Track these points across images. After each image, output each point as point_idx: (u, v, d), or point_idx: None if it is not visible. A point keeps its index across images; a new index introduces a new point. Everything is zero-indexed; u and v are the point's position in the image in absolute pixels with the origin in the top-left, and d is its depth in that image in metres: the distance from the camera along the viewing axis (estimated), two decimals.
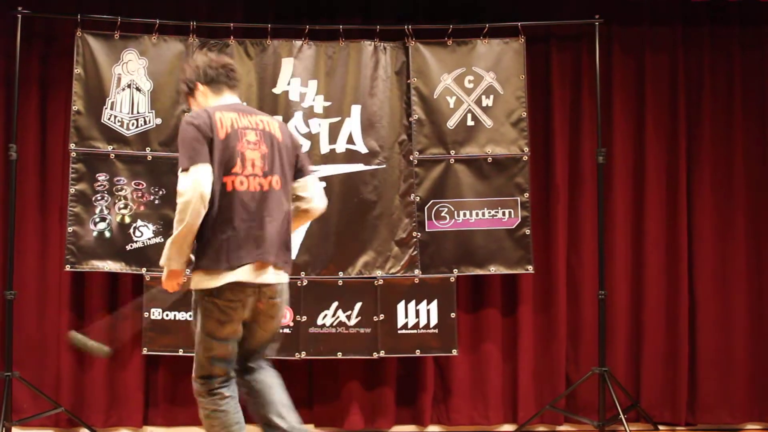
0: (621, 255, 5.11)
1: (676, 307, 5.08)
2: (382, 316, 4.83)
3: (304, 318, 4.79)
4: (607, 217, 5.01)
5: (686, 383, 5.06)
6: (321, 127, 4.90)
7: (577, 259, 5.13)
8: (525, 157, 4.90)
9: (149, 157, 4.78)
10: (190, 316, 3.46)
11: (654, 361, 5.08)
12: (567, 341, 5.09)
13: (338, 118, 4.91)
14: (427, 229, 4.89)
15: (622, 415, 4.61)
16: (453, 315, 4.85)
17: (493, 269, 4.90)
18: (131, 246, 4.78)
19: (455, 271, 4.88)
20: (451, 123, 4.93)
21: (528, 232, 4.88)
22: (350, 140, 4.90)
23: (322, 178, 4.85)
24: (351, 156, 4.89)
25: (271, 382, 3.48)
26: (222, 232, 3.28)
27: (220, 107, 3.43)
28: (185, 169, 3.25)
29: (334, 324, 4.81)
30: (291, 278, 4.67)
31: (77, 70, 4.77)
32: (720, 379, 5.07)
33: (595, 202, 4.95)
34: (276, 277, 3.41)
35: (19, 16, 4.72)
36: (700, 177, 5.15)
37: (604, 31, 4.99)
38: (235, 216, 3.30)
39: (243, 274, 3.30)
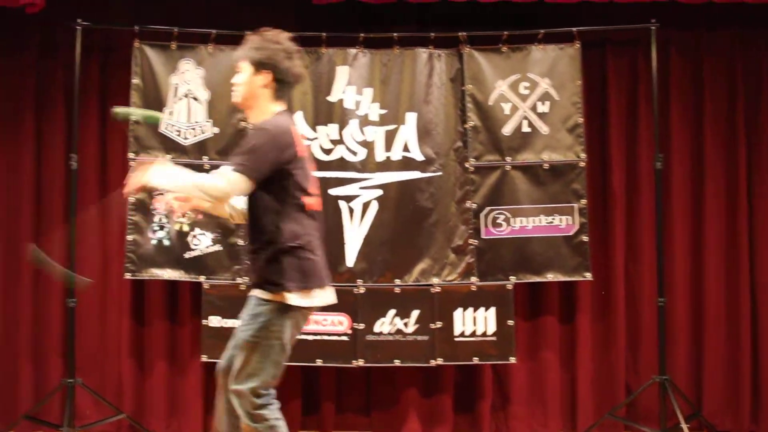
0: (680, 262, 5.06)
1: (737, 314, 5.01)
2: (439, 324, 4.81)
3: (362, 326, 4.79)
4: (666, 223, 4.95)
5: (749, 391, 4.99)
6: (377, 134, 4.90)
7: (636, 266, 5.08)
8: (582, 163, 4.86)
9: (207, 166, 4.80)
10: None
11: (715, 369, 5.01)
12: (626, 349, 5.05)
13: (394, 126, 4.91)
14: (483, 236, 4.87)
15: (683, 424, 4.55)
16: (511, 322, 4.82)
17: (551, 276, 4.87)
18: (189, 254, 4.82)
19: (512, 278, 4.85)
20: (507, 129, 4.90)
21: (585, 238, 4.84)
22: (406, 148, 4.90)
23: (378, 186, 4.87)
24: (407, 163, 4.89)
25: None
26: (313, 254, 3.23)
27: (289, 117, 3.35)
28: (242, 173, 3.06)
29: (392, 331, 4.80)
30: (348, 286, 4.80)
31: (135, 80, 4.84)
32: None
33: (653, 209, 4.89)
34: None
35: (79, 28, 4.78)
36: (761, 183, 5.08)
37: (660, 36, 4.93)
38: (316, 238, 3.27)
39: (328, 293, 3.34)
